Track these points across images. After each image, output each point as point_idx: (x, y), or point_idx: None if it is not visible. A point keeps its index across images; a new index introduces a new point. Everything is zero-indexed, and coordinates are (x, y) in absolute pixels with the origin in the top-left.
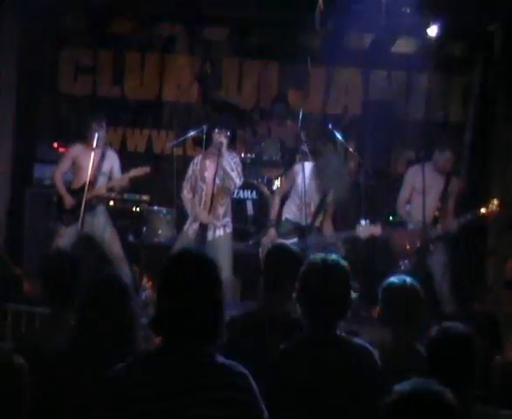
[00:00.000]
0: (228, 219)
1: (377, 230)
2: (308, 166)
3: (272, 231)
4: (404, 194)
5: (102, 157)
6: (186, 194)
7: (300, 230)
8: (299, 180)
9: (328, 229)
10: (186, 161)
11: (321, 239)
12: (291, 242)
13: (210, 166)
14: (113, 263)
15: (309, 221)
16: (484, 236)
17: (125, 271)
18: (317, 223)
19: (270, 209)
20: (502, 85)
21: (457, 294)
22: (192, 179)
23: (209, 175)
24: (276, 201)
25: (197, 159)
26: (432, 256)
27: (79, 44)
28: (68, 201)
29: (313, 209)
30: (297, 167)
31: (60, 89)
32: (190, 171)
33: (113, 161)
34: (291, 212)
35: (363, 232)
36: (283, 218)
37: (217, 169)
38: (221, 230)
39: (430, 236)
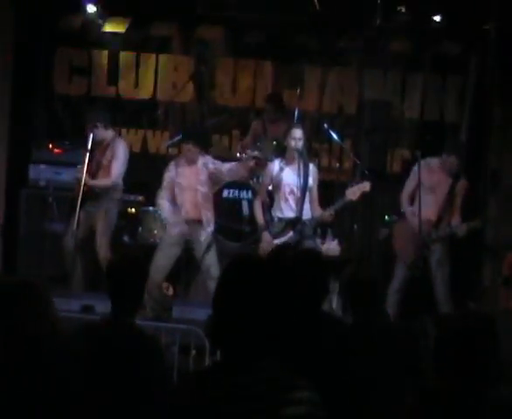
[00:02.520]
0: (212, 223)
1: (365, 186)
2: (278, 160)
3: (265, 235)
4: (408, 187)
5: (104, 151)
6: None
7: (292, 223)
8: (276, 175)
9: (318, 210)
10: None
11: (315, 222)
12: (288, 237)
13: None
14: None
15: (298, 208)
16: (482, 234)
17: None
18: (308, 213)
19: (256, 216)
20: (498, 85)
21: (454, 294)
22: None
23: (187, 182)
24: (258, 206)
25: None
26: (432, 255)
27: (73, 44)
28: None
29: (298, 194)
30: (270, 165)
31: (55, 89)
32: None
33: (115, 150)
34: (279, 209)
35: (353, 194)
36: (275, 219)
37: (198, 177)
38: (205, 233)
39: (432, 236)
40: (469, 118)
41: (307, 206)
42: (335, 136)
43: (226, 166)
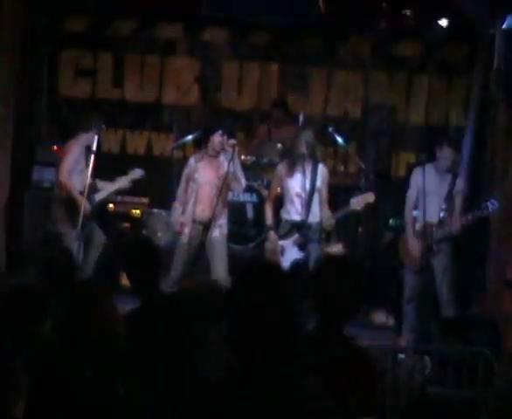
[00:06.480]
0: (224, 220)
1: (370, 196)
2: (285, 164)
3: (271, 235)
4: (411, 197)
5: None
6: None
7: (297, 226)
8: (283, 179)
9: (327, 212)
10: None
11: (319, 227)
12: (293, 239)
13: (206, 167)
14: None
15: (304, 211)
16: (485, 238)
17: None
18: (316, 216)
19: (265, 216)
20: (503, 89)
21: (456, 297)
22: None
23: (207, 177)
24: (268, 207)
25: (191, 161)
26: (435, 258)
27: (78, 46)
28: (86, 207)
29: (304, 196)
30: (279, 167)
31: (60, 91)
32: (183, 178)
33: None
34: (286, 212)
35: (357, 204)
36: (282, 220)
37: (219, 171)
38: (217, 231)
39: (432, 237)
40: (474, 121)
41: (316, 208)
42: (340, 140)
43: (242, 181)
